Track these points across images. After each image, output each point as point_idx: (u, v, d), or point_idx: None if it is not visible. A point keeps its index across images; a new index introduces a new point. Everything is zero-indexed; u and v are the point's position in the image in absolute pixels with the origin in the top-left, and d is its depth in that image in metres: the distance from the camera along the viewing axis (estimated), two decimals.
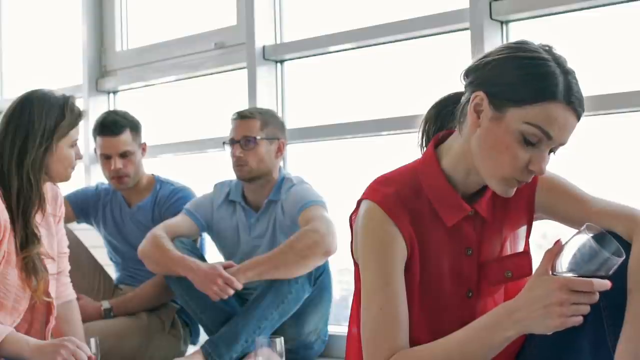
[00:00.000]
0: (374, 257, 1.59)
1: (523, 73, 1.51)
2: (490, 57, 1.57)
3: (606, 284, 1.41)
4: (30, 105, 2.24)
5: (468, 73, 1.61)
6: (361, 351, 1.70)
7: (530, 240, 1.71)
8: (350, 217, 1.73)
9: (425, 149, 1.74)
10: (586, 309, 1.41)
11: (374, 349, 1.58)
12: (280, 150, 2.96)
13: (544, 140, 1.51)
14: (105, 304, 3.07)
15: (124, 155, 3.14)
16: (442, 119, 1.74)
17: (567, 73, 1.52)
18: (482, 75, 1.57)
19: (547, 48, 1.55)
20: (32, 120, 2.22)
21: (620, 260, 1.41)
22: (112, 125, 3.14)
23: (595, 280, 1.40)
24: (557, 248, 1.45)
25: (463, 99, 1.62)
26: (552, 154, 1.56)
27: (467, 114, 1.58)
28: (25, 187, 2.19)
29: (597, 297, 1.41)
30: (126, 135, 3.14)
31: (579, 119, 1.53)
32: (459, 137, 1.62)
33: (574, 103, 1.50)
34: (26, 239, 2.19)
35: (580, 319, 1.42)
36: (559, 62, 1.53)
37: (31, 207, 2.20)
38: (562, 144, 1.54)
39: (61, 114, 2.25)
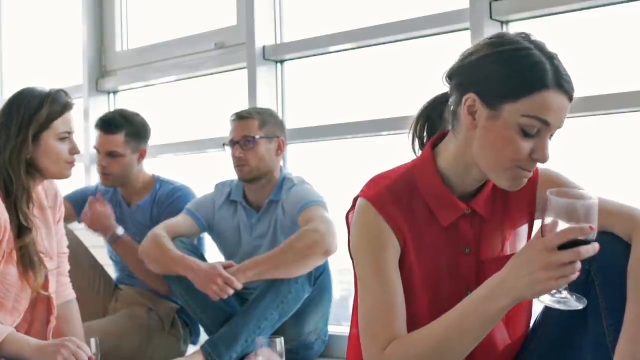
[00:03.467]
0: (366, 252, 1.61)
1: (510, 67, 1.52)
2: (473, 56, 1.58)
3: (593, 248, 1.38)
4: (14, 99, 2.27)
5: (451, 75, 1.62)
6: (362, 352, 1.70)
7: None
8: (347, 214, 1.73)
9: (418, 150, 1.75)
10: (573, 270, 1.38)
11: (371, 339, 1.57)
12: (280, 149, 2.96)
13: (543, 128, 1.51)
14: (120, 230, 3.09)
15: (111, 154, 3.13)
16: (432, 121, 1.75)
17: (552, 57, 1.53)
18: (468, 76, 1.57)
19: (524, 36, 1.56)
20: (12, 112, 2.24)
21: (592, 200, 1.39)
22: (108, 122, 3.14)
23: (581, 248, 1.37)
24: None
25: (451, 100, 1.62)
26: (550, 139, 1.55)
27: (461, 117, 1.58)
28: (5, 179, 2.20)
29: (583, 253, 1.37)
30: (119, 137, 3.12)
31: (571, 99, 1.53)
32: (454, 139, 1.62)
33: (564, 86, 1.51)
34: (18, 230, 2.19)
35: (573, 277, 1.39)
36: (541, 48, 1.54)
37: (15, 199, 2.20)
38: (559, 127, 1.54)
39: (39, 104, 2.25)
